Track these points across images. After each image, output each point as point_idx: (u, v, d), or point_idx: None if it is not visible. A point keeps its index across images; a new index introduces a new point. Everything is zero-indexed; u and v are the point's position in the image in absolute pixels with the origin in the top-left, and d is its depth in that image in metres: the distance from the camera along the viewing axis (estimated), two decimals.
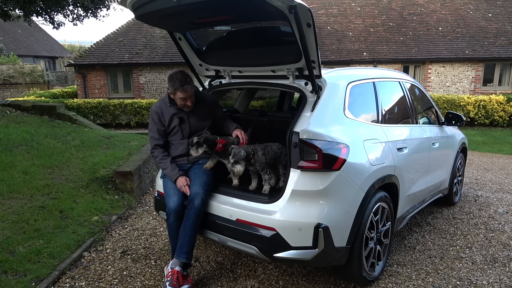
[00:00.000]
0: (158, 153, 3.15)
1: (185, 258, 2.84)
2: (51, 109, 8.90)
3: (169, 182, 3.10)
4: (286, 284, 3.03)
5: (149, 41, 15.40)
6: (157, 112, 3.15)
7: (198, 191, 2.87)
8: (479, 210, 4.79)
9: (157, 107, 3.17)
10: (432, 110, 4.49)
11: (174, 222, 2.93)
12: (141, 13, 2.65)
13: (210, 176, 3.03)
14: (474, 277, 3.19)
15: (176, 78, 2.98)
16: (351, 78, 3.06)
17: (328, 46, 14.72)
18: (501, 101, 12.12)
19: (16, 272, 2.96)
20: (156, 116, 3.14)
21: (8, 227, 3.59)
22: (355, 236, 2.69)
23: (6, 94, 21.14)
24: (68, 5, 10.07)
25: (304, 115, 2.61)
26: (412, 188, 3.56)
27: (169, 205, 2.95)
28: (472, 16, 15.95)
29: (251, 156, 2.86)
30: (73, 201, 4.33)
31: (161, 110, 3.15)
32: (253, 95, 4.53)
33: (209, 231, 2.87)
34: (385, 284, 3.06)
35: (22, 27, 30.05)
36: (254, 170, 2.99)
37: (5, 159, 5.20)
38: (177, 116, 3.14)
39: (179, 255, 2.84)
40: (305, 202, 2.51)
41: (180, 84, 2.97)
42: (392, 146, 3.14)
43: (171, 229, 2.97)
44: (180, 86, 2.97)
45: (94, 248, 3.54)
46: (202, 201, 2.85)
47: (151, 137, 3.18)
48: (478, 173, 6.85)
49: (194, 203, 2.84)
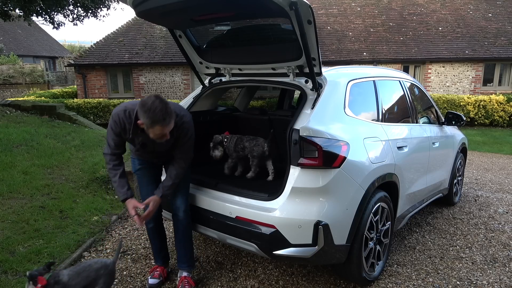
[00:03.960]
0: (110, 159, 2.61)
1: (188, 267, 2.94)
2: (51, 109, 8.90)
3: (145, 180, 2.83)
4: (286, 284, 3.02)
5: (149, 41, 15.39)
6: (119, 125, 2.50)
7: (179, 206, 2.83)
8: (479, 210, 4.78)
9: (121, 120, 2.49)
10: (432, 109, 4.49)
11: (154, 228, 2.93)
12: (142, 10, 2.65)
13: (189, 180, 2.93)
14: (474, 277, 3.18)
15: (155, 109, 2.25)
16: (351, 76, 3.06)
17: (328, 46, 14.72)
18: (501, 101, 12.12)
19: (16, 272, 2.95)
20: (118, 128, 2.51)
21: (8, 227, 3.58)
22: (355, 236, 2.68)
23: (6, 94, 21.13)
24: (68, 5, 10.08)
25: (305, 112, 2.61)
26: (412, 187, 3.55)
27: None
28: (472, 16, 15.95)
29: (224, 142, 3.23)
30: (73, 201, 4.32)
31: (124, 125, 2.50)
32: (253, 94, 4.53)
33: (208, 229, 2.86)
34: (385, 284, 3.05)
35: (22, 27, 30.05)
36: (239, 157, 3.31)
37: (5, 159, 5.20)
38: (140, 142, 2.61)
39: (182, 267, 2.93)
40: (305, 199, 2.50)
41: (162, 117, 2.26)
42: (392, 144, 3.13)
43: (152, 233, 2.96)
44: (162, 120, 2.27)
45: (94, 248, 3.53)
46: (186, 213, 2.85)
47: (107, 142, 2.61)
48: (478, 173, 6.85)
49: (179, 216, 2.86)
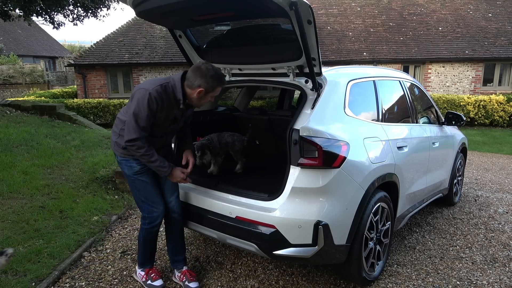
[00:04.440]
0: (143, 142, 2.52)
1: (184, 261, 3.05)
2: (51, 109, 8.90)
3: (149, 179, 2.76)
4: (286, 284, 3.02)
5: (149, 41, 15.39)
6: (157, 103, 2.50)
7: (177, 208, 2.91)
8: (479, 210, 4.78)
9: (160, 96, 2.51)
10: (432, 109, 4.49)
11: (157, 231, 2.91)
12: (142, 10, 2.65)
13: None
14: (474, 277, 3.18)
15: (215, 73, 2.53)
16: (351, 76, 3.06)
17: (328, 46, 14.71)
18: (501, 101, 12.12)
19: (16, 272, 2.95)
20: (156, 106, 2.50)
21: (8, 227, 3.58)
22: (355, 236, 2.68)
23: (6, 94, 21.12)
24: (68, 5, 10.09)
25: (305, 112, 2.61)
26: (412, 187, 3.55)
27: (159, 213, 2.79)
28: (472, 16, 15.95)
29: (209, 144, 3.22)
30: (73, 201, 4.32)
31: (162, 102, 2.53)
32: (253, 94, 4.53)
33: (208, 229, 2.86)
34: (385, 284, 3.05)
35: (22, 27, 30.04)
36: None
37: (5, 159, 5.20)
38: (174, 115, 2.66)
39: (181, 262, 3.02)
40: (305, 199, 2.50)
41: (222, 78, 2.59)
42: (392, 144, 3.13)
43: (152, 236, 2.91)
44: (223, 81, 2.60)
45: (94, 248, 3.53)
46: (179, 215, 2.94)
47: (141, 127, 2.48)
48: (478, 173, 6.85)
49: (176, 218, 2.95)
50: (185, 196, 3.02)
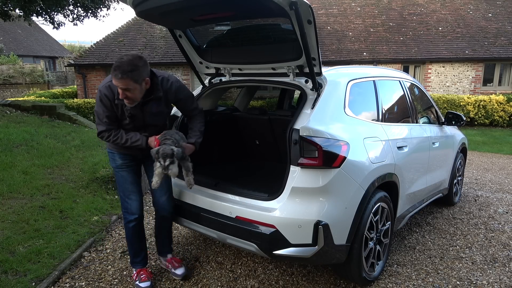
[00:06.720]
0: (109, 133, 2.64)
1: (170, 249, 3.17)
2: (51, 109, 8.90)
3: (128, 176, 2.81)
4: (286, 284, 3.02)
5: (149, 41, 15.39)
6: (108, 97, 2.54)
7: (165, 206, 2.93)
8: (479, 210, 4.78)
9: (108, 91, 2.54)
10: (432, 109, 4.49)
11: (137, 227, 2.89)
12: (142, 9, 2.65)
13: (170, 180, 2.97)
14: (474, 277, 3.18)
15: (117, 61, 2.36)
16: (351, 76, 3.06)
17: (328, 46, 14.71)
18: (501, 101, 12.12)
19: (16, 272, 2.95)
20: (108, 101, 2.54)
21: (8, 227, 3.58)
22: (355, 236, 2.68)
23: (6, 94, 21.14)
24: (68, 5, 10.08)
25: (304, 112, 2.61)
26: (412, 187, 3.55)
27: (132, 209, 2.80)
28: (472, 16, 15.95)
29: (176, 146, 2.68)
30: (73, 201, 4.32)
31: (113, 97, 2.55)
32: (253, 94, 4.53)
33: (208, 229, 2.86)
34: (385, 284, 3.05)
35: (22, 27, 30.06)
36: None
37: (5, 159, 5.20)
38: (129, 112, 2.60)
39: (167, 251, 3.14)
40: (305, 199, 2.50)
41: (113, 68, 2.34)
42: (392, 144, 3.13)
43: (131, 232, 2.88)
44: (113, 71, 2.35)
45: (94, 248, 3.53)
46: (170, 212, 2.98)
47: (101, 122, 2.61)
48: (478, 173, 6.85)
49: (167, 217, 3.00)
50: (185, 196, 3.03)
